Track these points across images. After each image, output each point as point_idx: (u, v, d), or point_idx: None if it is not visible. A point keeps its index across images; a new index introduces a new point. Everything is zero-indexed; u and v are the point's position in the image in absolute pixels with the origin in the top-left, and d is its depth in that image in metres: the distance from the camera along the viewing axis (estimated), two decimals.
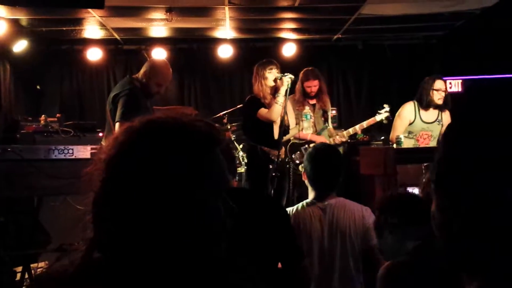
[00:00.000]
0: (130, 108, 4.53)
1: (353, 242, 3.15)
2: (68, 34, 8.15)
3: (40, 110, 7.95)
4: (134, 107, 4.54)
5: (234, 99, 8.80)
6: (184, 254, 1.13)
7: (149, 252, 1.11)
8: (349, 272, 3.15)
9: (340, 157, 3.46)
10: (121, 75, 9.01)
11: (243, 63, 8.70)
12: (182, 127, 1.17)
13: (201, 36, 8.58)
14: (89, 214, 1.16)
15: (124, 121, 4.43)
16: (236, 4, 6.66)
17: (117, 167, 1.13)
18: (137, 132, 1.17)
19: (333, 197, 3.29)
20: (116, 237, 1.11)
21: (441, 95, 5.68)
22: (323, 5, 6.90)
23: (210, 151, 1.18)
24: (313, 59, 8.61)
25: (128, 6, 6.76)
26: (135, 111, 4.46)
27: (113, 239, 1.11)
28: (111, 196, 1.12)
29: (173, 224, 1.10)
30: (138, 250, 1.10)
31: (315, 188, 3.31)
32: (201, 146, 1.16)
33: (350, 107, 9.06)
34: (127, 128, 1.18)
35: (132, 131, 1.17)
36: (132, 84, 4.78)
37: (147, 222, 1.09)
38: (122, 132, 1.18)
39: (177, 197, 1.11)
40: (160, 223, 1.10)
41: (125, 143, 1.15)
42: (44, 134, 4.99)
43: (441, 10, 7.20)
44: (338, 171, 3.32)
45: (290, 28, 8.22)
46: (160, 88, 4.82)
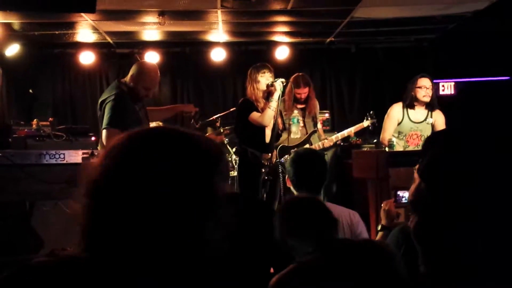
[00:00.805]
0: (116, 114, 4.50)
1: None
2: (61, 38, 8.13)
3: (33, 114, 7.91)
4: (120, 112, 4.52)
5: (227, 102, 8.80)
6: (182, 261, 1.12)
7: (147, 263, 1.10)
8: None
9: (323, 161, 3.48)
10: (114, 78, 8.90)
11: (236, 67, 8.71)
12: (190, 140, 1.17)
13: (193, 39, 8.58)
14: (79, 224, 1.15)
15: (110, 127, 4.46)
16: (228, 8, 6.66)
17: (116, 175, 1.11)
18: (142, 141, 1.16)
19: None
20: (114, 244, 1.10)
21: (426, 92, 5.69)
22: (315, 9, 6.91)
23: (217, 168, 1.17)
24: (306, 62, 8.63)
25: (121, 10, 6.75)
26: (122, 117, 4.47)
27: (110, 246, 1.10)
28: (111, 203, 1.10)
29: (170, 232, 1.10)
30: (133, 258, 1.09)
31: (299, 192, 3.32)
32: (209, 165, 1.15)
33: (343, 110, 9.07)
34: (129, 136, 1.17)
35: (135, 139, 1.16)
36: (119, 88, 4.73)
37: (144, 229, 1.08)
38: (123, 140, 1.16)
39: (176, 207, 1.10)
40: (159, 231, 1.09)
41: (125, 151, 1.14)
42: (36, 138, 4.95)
43: (433, 13, 7.23)
44: (321, 175, 3.33)
45: (282, 32, 8.23)
46: (148, 92, 4.76)
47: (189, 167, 1.12)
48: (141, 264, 1.09)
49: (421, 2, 6.70)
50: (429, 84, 5.73)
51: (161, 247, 1.09)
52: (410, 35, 8.74)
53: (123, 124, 4.31)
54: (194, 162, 1.13)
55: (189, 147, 1.15)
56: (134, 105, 4.72)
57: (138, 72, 4.75)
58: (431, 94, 5.72)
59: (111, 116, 4.50)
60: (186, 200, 1.10)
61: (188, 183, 1.11)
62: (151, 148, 1.14)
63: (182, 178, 1.11)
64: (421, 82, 5.72)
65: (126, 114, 4.51)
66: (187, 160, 1.13)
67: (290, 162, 3.37)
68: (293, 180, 3.32)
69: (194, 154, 1.14)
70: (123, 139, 1.16)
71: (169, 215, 1.09)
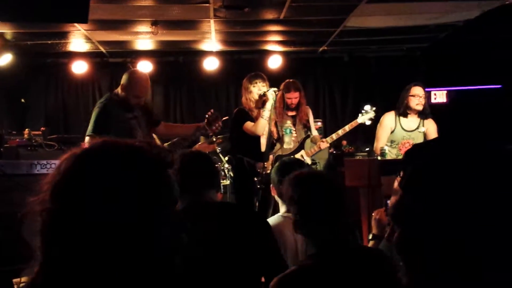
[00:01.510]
0: (98, 122, 4.57)
1: None
2: (53, 48, 8.13)
3: (25, 123, 7.90)
4: (104, 120, 4.56)
5: (220, 111, 8.68)
6: (137, 273, 1.13)
7: (101, 276, 1.10)
8: None
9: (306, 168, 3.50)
10: (107, 88, 9.01)
11: (229, 76, 8.73)
12: (131, 151, 1.17)
13: (187, 48, 8.60)
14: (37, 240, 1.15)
15: (93, 134, 4.49)
16: (221, 17, 6.68)
17: (63, 194, 1.12)
18: (84, 158, 1.16)
19: None
20: (67, 260, 1.10)
21: (419, 101, 5.70)
22: (308, 18, 6.95)
23: (158, 173, 1.18)
24: (299, 71, 8.65)
25: (114, 20, 6.76)
26: (105, 125, 4.51)
27: (64, 262, 1.11)
28: (60, 221, 1.11)
29: (124, 246, 1.11)
30: (87, 273, 1.10)
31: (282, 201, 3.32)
32: (149, 169, 1.16)
33: (336, 118, 9.10)
34: (73, 155, 1.17)
35: (78, 157, 1.17)
36: (108, 98, 4.80)
37: (95, 245, 1.09)
38: (68, 159, 1.17)
39: (127, 219, 1.11)
40: (111, 245, 1.10)
41: (70, 170, 1.14)
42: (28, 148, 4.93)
43: (425, 22, 7.27)
44: None
45: (275, 41, 8.26)
46: (139, 100, 4.75)
47: (131, 179, 1.13)
48: (95, 276, 1.10)
49: (413, 11, 6.74)
50: (422, 92, 5.75)
51: (111, 262, 1.10)
52: (402, 44, 8.79)
53: (106, 131, 4.35)
54: (135, 173, 1.14)
55: (129, 159, 1.16)
56: (126, 113, 4.71)
57: (127, 80, 4.76)
58: (424, 102, 5.74)
59: (93, 123, 4.59)
60: (131, 210, 1.11)
61: (131, 194, 1.12)
62: (91, 165, 1.15)
63: (125, 191, 1.12)
64: (414, 91, 5.74)
65: (111, 122, 4.53)
66: (128, 172, 1.14)
67: (274, 170, 3.38)
68: (277, 189, 3.32)
69: (134, 166, 1.15)
70: (67, 158, 1.18)
71: (115, 228, 1.10)
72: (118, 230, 1.10)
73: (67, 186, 1.13)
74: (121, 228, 1.10)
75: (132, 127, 4.70)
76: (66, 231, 1.10)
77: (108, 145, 1.20)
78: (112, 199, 1.10)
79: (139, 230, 1.12)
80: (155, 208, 1.15)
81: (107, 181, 1.12)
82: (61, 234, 1.10)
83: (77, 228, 1.09)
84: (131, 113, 4.77)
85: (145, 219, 1.13)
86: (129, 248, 1.11)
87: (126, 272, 1.11)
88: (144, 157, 1.17)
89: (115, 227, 1.09)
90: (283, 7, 6.29)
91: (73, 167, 1.15)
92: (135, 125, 4.77)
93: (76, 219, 1.09)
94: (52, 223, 1.12)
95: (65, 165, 1.16)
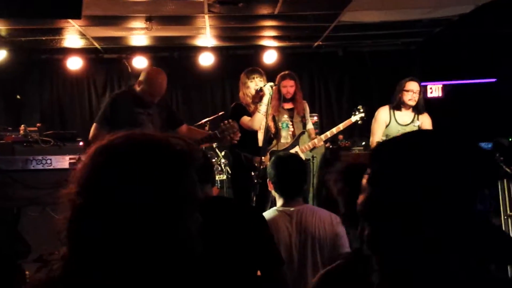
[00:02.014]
0: (105, 112, 4.77)
1: (323, 249, 3.15)
2: (48, 44, 8.11)
3: (20, 119, 7.89)
4: (110, 112, 4.73)
5: (215, 106, 8.81)
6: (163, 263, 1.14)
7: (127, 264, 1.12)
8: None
9: (302, 164, 3.51)
10: (102, 84, 9.01)
11: (224, 71, 8.73)
12: (160, 145, 1.19)
13: (181, 44, 8.59)
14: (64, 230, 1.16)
15: (98, 123, 4.67)
16: (215, 13, 6.67)
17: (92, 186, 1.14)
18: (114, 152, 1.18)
19: (300, 203, 3.32)
20: (98, 249, 1.12)
21: (412, 96, 5.73)
22: (302, 13, 6.94)
23: (185, 169, 1.19)
24: (294, 66, 8.58)
25: (108, 15, 6.75)
26: (111, 116, 4.69)
27: (95, 251, 1.12)
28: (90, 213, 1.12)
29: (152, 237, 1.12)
30: (117, 263, 1.11)
31: (280, 194, 3.34)
32: (177, 165, 1.17)
33: (331, 113, 9.12)
34: (103, 147, 1.19)
35: (109, 150, 1.18)
36: (123, 90, 5.03)
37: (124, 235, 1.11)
38: (95, 151, 1.18)
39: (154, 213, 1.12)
40: (139, 236, 1.11)
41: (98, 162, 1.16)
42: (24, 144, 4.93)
43: (420, 17, 7.28)
44: (301, 177, 3.36)
45: (270, 36, 8.25)
46: (152, 98, 4.85)
47: (158, 172, 1.15)
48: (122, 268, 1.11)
49: (407, 5, 6.74)
50: (416, 88, 5.76)
51: (140, 250, 1.11)
52: (397, 39, 8.79)
53: (110, 122, 4.62)
54: (162, 166, 1.16)
55: (156, 152, 1.17)
56: (136, 108, 4.81)
57: (143, 78, 4.87)
58: (417, 98, 5.75)
59: (101, 113, 4.84)
60: (159, 202, 1.13)
61: (159, 186, 1.14)
62: (119, 157, 1.16)
63: (153, 183, 1.13)
64: (408, 86, 5.75)
65: (119, 114, 4.68)
66: (155, 165, 1.15)
67: (271, 165, 3.40)
68: (274, 183, 3.35)
69: (161, 158, 1.17)
70: (94, 151, 1.19)
71: (144, 218, 1.11)
72: (145, 220, 1.11)
73: (96, 178, 1.14)
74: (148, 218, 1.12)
75: (141, 122, 4.77)
76: (95, 223, 1.12)
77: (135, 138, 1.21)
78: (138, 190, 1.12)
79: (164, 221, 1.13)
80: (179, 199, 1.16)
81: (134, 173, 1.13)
82: (90, 225, 1.12)
83: (106, 219, 1.11)
84: (143, 108, 4.87)
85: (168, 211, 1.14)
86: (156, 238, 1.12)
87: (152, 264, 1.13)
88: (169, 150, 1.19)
89: (142, 218, 1.11)
90: (278, 2, 6.28)
91: (100, 159, 1.16)
92: (144, 120, 4.83)
93: (105, 211, 1.11)
94: (81, 215, 1.13)
95: (93, 157, 1.17)
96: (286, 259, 2.99)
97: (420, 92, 5.82)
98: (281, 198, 3.34)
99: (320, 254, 3.13)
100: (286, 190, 3.32)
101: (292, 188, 3.33)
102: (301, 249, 3.17)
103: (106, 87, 9.05)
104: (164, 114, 5.04)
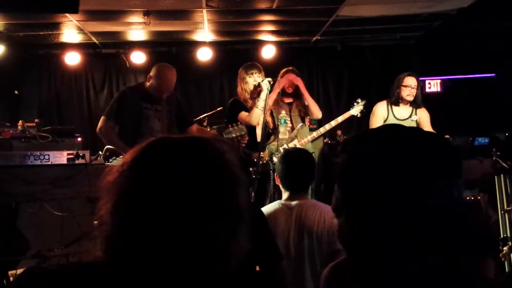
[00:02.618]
0: (112, 106, 4.83)
1: (322, 243, 3.13)
2: (46, 39, 8.09)
3: (18, 115, 7.87)
4: (117, 106, 4.79)
5: (213, 101, 8.80)
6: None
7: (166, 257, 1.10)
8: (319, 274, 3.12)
9: (311, 160, 3.48)
10: (100, 79, 8.99)
11: (222, 66, 8.72)
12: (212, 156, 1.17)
13: (180, 39, 8.57)
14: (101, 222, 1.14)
15: (106, 116, 4.71)
16: (213, 7, 6.66)
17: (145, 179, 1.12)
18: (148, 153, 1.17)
19: (303, 198, 3.30)
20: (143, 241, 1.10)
21: (410, 91, 5.71)
22: (301, 7, 6.93)
23: (239, 179, 1.19)
24: (293, 61, 8.59)
25: (106, 10, 6.73)
26: (118, 110, 4.75)
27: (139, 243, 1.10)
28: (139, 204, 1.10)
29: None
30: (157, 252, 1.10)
31: (286, 188, 3.33)
32: (234, 175, 1.17)
33: (330, 108, 9.10)
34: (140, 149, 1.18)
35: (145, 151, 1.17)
36: (134, 85, 5.16)
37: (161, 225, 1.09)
38: (136, 153, 1.17)
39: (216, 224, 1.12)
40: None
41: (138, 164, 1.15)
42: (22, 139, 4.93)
43: (418, 11, 7.26)
44: (308, 172, 3.34)
45: (269, 30, 8.23)
46: (160, 94, 4.85)
47: (212, 180, 1.13)
48: (165, 273, 1.10)
49: (406, 0, 6.74)
50: (414, 83, 5.75)
51: (189, 258, 1.10)
52: (395, 33, 8.78)
53: (116, 116, 4.72)
54: (218, 174, 1.14)
55: (212, 159, 1.16)
56: (144, 103, 4.84)
57: (153, 74, 4.88)
58: (415, 93, 5.74)
59: (109, 106, 4.90)
60: (212, 213, 1.11)
61: (213, 196, 1.12)
62: (173, 163, 1.14)
63: (207, 192, 1.12)
64: (406, 81, 5.74)
65: (126, 108, 4.76)
66: (210, 172, 1.14)
67: (280, 160, 3.39)
68: (281, 177, 3.34)
69: (218, 166, 1.16)
70: (143, 152, 1.17)
71: (197, 228, 1.10)
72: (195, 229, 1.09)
73: (146, 182, 1.12)
74: (199, 227, 1.10)
75: (146, 117, 4.79)
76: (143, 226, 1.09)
77: (186, 143, 1.19)
78: (191, 198, 1.10)
79: (216, 232, 1.12)
80: (233, 209, 1.16)
81: (183, 180, 1.11)
82: (138, 228, 1.10)
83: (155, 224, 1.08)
84: (151, 104, 4.89)
85: (223, 221, 1.13)
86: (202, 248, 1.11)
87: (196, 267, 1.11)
88: (223, 158, 1.17)
89: (193, 226, 1.09)
90: None
91: (148, 162, 1.14)
92: (150, 116, 4.85)
93: (155, 216, 1.09)
94: (131, 216, 1.11)
95: (142, 159, 1.16)
96: (284, 253, 2.99)
97: (418, 87, 5.80)
98: (287, 192, 3.34)
99: (319, 249, 3.12)
100: (291, 185, 3.32)
101: (297, 182, 3.31)
102: (299, 243, 3.15)
103: (104, 82, 9.03)
104: (174, 112, 5.05)
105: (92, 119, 8.72)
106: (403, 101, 5.76)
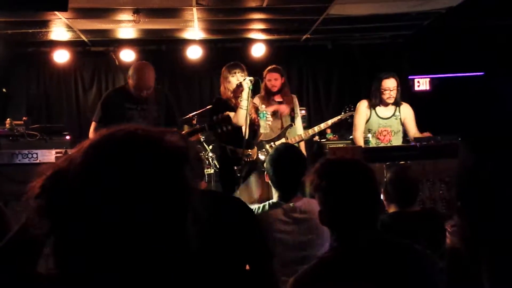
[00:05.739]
0: (98, 109, 4.90)
1: (318, 243, 3.12)
2: (34, 36, 8.04)
3: (6, 113, 7.81)
4: (103, 108, 4.85)
5: (203, 100, 8.77)
6: (158, 261, 1.11)
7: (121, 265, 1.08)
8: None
9: (302, 157, 3.45)
10: (89, 77, 8.95)
11: (212, 64, 8.68)
12: (154, 141, 1.14)
13: (169, 37, 8.54)
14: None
15: (95, 121, 4.76)
16: (203, 5, 6.64)
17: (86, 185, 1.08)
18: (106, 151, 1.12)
19: (299, 198, 3.25)
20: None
21: (390, 94, 5.72)
22: (291, 6, 6.92)
23: (185, 163, 1.15)
24: (283, 59, 8.63)
25: (95, 8, 6.69)
26: (104, 112, 4.82)
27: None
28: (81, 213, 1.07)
29: (150, 237, 1.08)
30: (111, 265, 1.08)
31: (278, 189, 3.28)
32: (174, 162, 1.13)
33: (320, 107, 9.11)
34: (82, 148, 1.13)
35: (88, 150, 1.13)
36: (119, 86, 5.25)
37: (119, 238, 1.06)
38: (78, 151, 1.13)
39: (152, 213, 1.07)
40: (137, 237, 1.07)
41: (80, 164, 1.10)
42: (10, 138, 4.90)
43: (408, 10, 7.28)
44: (300, 170, 3.27)
45: (259, 29, 8.22)
46: (140, 91, 4.86)
47: (157, 166, 1.10)
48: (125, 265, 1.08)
49: None
50: (393, 85, 5.73)
51: (145, 248, 1.08)
52: (385, 32, 8.80)
53: (105, 118, 4.77)
54: (161, 160, 1.11)
55: (153, 146, 1.13)
56: (127, 103, 4.87)
57: (130, 73, 4.90)
58: (394, 95, 5.74)
59: (96, 111, 4.97)
60: (160, 197, 1.08)
61: (159, 181, 1.09)
62: (114, 154, 1.10)
63: (151, 178, 1.08)
64: (385, 84, 5.73)
65: (111, 110, 4.82)
66: (154, 160, 1.10)
67: (269, 160, 3.31)
68: (271, 176, 3.27)
69: (159, 153, 1.12)
70: (86, 147, 1.13)
71: (147, 215, 1.07)
72: (144, 222, 1.06)
73: (89, 175, 1.07)
74: (147, 219, 1.06)
75: (130, 117, 4.80)
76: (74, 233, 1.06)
77: (125, 133, 1.16)
78: (134, 185, 1.06)
79: (164, 221, 1.09)
80: (180, 192, 1.12)
81: (128, 169, 1.07)
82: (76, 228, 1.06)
83: (89, 227, 1.05)
84: (136, 104, 4.91)
85: (171, 204, 1.10)
86: (154, 238, 1.08)
87: (148, 263, 1.08)
88: (166, 144, 1.14)
89: (140, 220, 1.06)
90: None
91: (92, 157, 1.10)
92: (134, 116, 4.86)
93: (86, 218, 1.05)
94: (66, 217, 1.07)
95: (84, 154, 1.11)
96: (280, 253, 2.97)
97: (398, 86, 5.79)
98: (278, 192, 3.29)
99: (315, 248, 3.10)
100: (282, 184, 3.26)
101: (289, 183, 3.25)
102: (296, 243, 3.13)
103: (93, 80, 8.98)
104: (163, 110, 5.05)
105: (81, 117, 8.69)
106: (383, 103, 5.79)
